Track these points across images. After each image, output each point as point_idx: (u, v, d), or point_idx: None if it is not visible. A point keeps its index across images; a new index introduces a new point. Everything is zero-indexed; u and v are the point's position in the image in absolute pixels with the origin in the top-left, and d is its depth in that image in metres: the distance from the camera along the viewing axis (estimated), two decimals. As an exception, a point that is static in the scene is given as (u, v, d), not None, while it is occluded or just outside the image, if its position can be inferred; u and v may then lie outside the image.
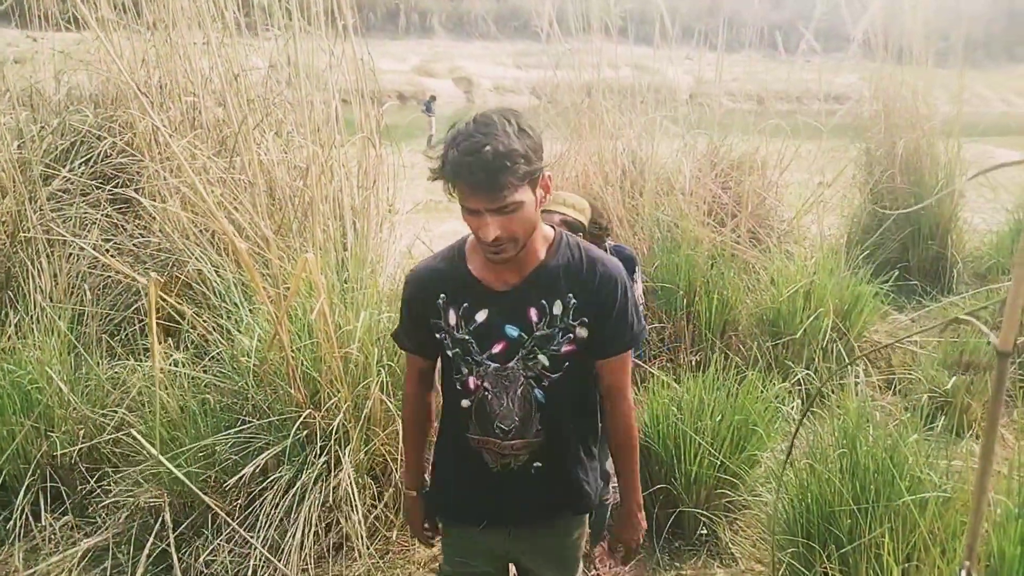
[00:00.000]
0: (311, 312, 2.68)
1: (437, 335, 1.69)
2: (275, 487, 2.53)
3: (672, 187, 4.52)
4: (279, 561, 2.44)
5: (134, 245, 3.70)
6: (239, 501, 2.56)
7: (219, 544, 2.50)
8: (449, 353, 1.69)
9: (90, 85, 4.60)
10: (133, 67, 4.18)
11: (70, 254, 3.60)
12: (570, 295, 1.62)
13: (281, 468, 2.57)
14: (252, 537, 2.43)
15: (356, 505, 2.55)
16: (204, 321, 2.97)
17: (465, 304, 1.64)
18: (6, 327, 3.27)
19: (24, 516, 2.73)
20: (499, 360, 1.65)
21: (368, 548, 2.58)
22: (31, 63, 5.00)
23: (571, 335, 1.64)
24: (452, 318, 1.66)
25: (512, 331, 1.62)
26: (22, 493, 2.76)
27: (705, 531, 2.90)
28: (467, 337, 1.65)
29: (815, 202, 5.08)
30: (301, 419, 2.61)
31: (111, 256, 3.51)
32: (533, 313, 1.62)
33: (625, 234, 4.44)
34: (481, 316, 1.64)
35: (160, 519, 2.56)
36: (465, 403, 1.69)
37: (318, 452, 2.60)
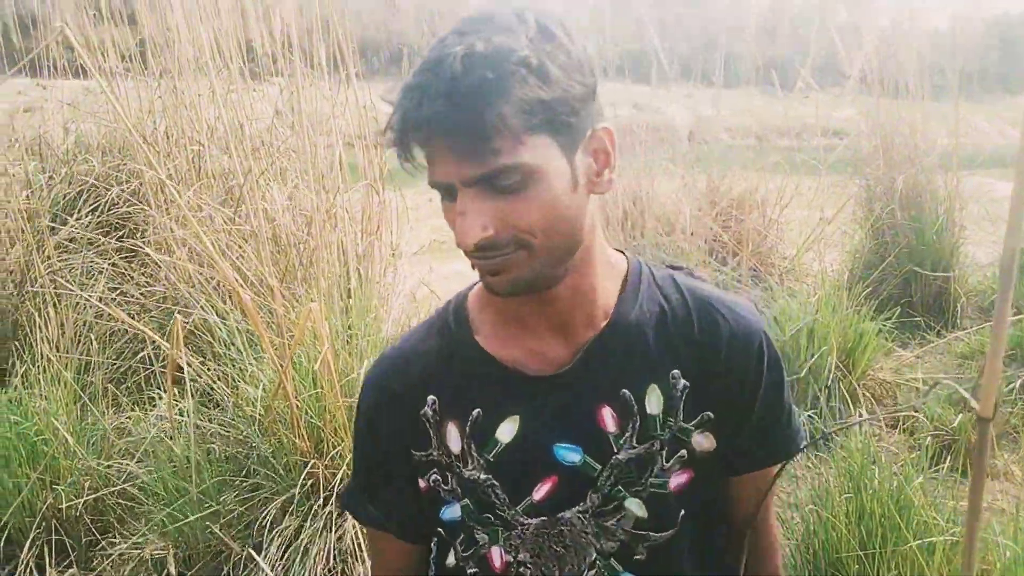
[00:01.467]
0: (315, 361, 2.69)
1: (423, 482, 0.95)
2: (280, 539, 2.52)
3: (673, 227, 4.55)
4: (284, 614, 2.43)
5: (140, 294, 3.74)
6: (243, 554, 2.55)
7: (224, 597, 2.49)
8: (450, 514, 0.94)
9: (98, 133, 4.68)
10: (140, 116, 4.25)
11: (77, 303, 3.63)
12: (675, 373, 0.90)
13: (286, 519, 2.57)
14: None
15: (360, 557, 2.54)
16: (209, 370, 2.98)
17: (478, 411, 0.90)
18: (12, 378, 3.29)
19: (29, 570, 2.72)
20: (545, 511, 0.91)
21: (373, 599, 2.56)
22: (40, 112, 5.10)
23: (685, 452, 0.91)
24: (454, 441, 0.92)
25: (570, 455, 0.89)
26: (27, 546, 2.75)
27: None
28: (483, 476, 0.90)
29: (816, 239, 5.11)
30: (307, 469, 2.61)
31: (117, 306, 3.53)
32: (607, 417, 0.89)
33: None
34: (507, 432, 0.89)
35: (165, 572, 2.55)
36: None
37: (322, 502, 2.59)
